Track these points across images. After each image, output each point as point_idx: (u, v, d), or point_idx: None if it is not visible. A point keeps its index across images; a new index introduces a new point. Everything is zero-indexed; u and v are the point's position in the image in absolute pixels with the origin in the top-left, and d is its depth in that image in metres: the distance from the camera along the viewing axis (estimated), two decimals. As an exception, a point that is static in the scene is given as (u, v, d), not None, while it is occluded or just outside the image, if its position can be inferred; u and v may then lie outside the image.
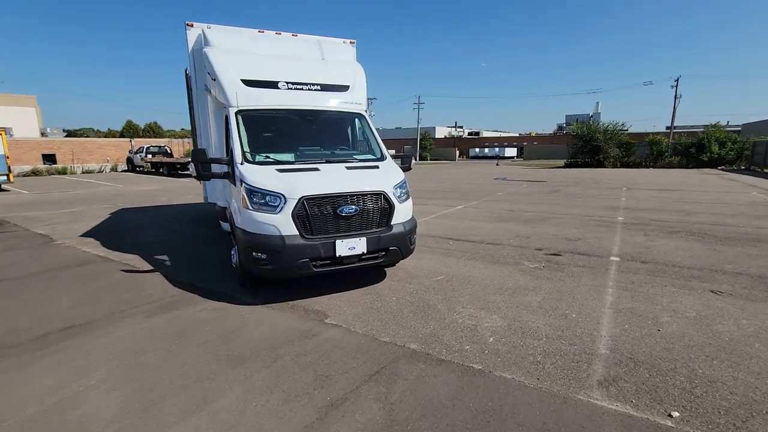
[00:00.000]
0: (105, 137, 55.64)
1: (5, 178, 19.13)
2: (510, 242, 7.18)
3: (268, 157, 4.91)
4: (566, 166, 35.23)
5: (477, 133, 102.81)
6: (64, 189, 18.81)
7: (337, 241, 4.27)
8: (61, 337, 3.69)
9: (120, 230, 9.00)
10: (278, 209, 4.18)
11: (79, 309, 4.37)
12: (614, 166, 32.59)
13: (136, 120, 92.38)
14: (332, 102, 5.78)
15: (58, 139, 35.50)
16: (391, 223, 4.66)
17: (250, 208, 4.27)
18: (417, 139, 64.64)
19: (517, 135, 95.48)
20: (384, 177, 4.85)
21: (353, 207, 4.37)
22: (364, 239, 4.41)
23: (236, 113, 5.18)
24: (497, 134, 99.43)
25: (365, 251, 4.43)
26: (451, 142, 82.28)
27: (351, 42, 6.89)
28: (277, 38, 6.39)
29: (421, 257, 6.24)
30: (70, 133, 56.73)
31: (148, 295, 4.76)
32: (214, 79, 5.45)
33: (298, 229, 4.19)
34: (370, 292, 4.76)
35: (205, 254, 6.70)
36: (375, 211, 4.53)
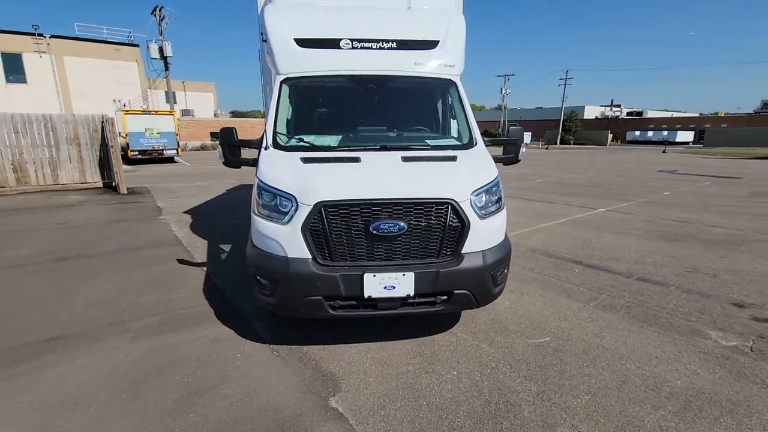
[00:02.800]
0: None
1: (175, 152, 23.23)
2: (680, 282, 4.53)
3: (302, 140, 3.59)
4: (775, 156, 25.93)
5: (639, 114, 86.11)
6: (214, 163, 21.35)
7: (366, 275, 2.73)
8: (30, 354, 3.09)
9: (218, 208, 9.09)
10: (287, 218, 2.84)
11: (89, 311, 3.84)
12: None
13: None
14: (411, 64, 4.10)
15: (223, 119, 41.64)
16: (462, 251, 2.89)
17: (258, 213, 3.03)
18: (560, 120, 56.87)
19: (696, 115, 76.51)
20: (460, 175, 3.06)
21: (397, 223, 2.75)
22: (411, 275, 2.77)
23: (282, 82, 3.97)
24: (666, 114, 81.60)
25: (412, 293, 2.80)
26: (604, 123, 70.42)
27: (454, -17, 5.01)
28: (351, -16, 4.94)
29: (521, 290, 4.24)
30: (235, 114, 66.57)
31: (167, 302, 4.03)
32: (265, 41, 4.31)
33: (310, 250, 2.79)
34: (420, 352, 3.11)
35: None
36: (434, 230, 2.82)
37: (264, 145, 3.52)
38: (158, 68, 30.60)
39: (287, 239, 2.81)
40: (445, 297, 2.91)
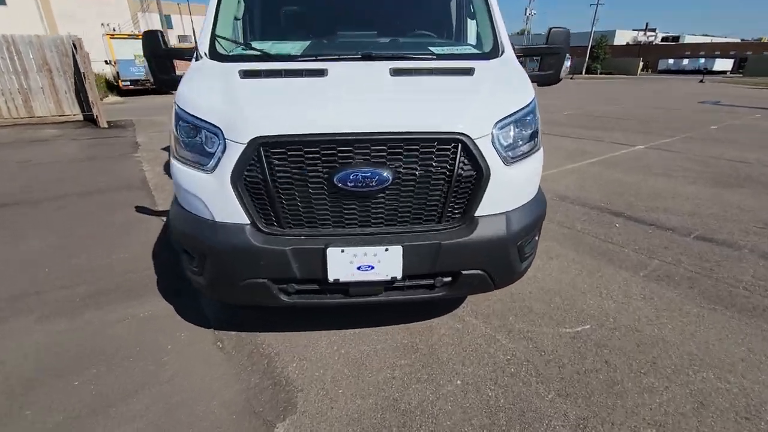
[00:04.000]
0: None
1: (168, 82, 21.59)
2: (754, 243, 3.53)
3: (251, 48, 2.48)
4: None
5: (675, 39, 78.38)
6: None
7: (331, 250, 1.82)
8: None
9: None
10: (211, 163, 1.87)
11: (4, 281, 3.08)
12: None
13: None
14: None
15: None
16: (476, 214, 1.93)
17: (176, 155, 2.05)
18: (588, 46, 51.86)
19: (737, 41, 69.15)
20: (478, 97, 1.97)
21: (376, 172, 1.76)
22: (398, 250, 1.84)
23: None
24: (705, 40, 74.14)
25: (399, 275, 1.89)
26: (635, 50, 64.40)
27: None
28: None
29: (549, 252, 3.33)
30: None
31: (104, 266, 3.24)
32: None
33: (247, 211, 1.85)
34: (412, 345, 2.29)
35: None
36: (435, 182, 1.84)
37: (201, 51, 2.44)
38: (146, -14, 27.77)
39: (213, 196, 1.87)
40: (450, 279, 2.02)
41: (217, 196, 1.86)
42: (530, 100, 2.09)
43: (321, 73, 2.04)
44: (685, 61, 57.55)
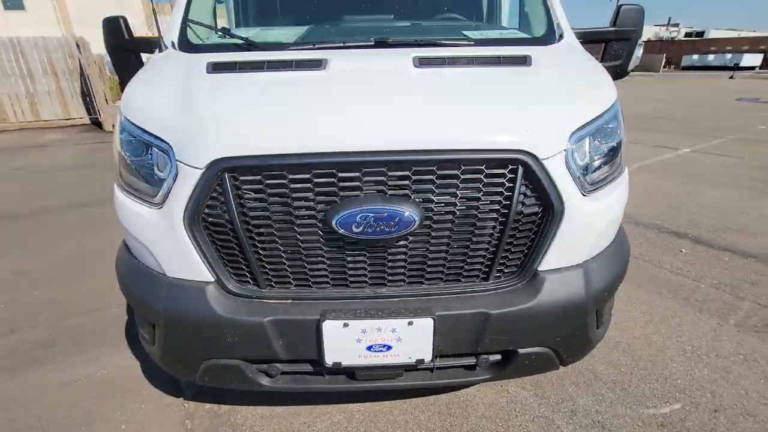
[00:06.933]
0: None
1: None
2: None
3: (231, 35, 1.90)
4: None
5: (701, 34, 75.66)
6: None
7: (328, 324, 1.23)
8: None
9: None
10: (159, 194, 1.31)
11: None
12: None
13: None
14: None
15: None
16: (539, 268, 1.32)
17: (119, 181, 1.50)
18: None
19: (766, 34, 66.39)
20: (543, 96, 1.36)
21: (396, 211, 1.17)
22: (427, 323, 1.25)
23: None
24: (732, 34, 71.38)
25: (429, 357, 1.30)
26: (657, 46, 62.24)
27: None
28: None
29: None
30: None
31: (70, 299, 2.73)
32: None
33: (207, 263, 1.28)
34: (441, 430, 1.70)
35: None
36: (481, 222, 1.24)
37: (159, 44, 1.89)
38: (160, -12, 27.78)
39: (162, 240, 1.30)
40: (500, 358, 1.41)
41: (167, 241, 1.29)
42: (614, 101, 1.47)
43: (318, 64, 1.45)
44: (711, 57, 55.15)
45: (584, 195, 1.31)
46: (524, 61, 1.51)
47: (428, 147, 1.17)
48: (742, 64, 51.04)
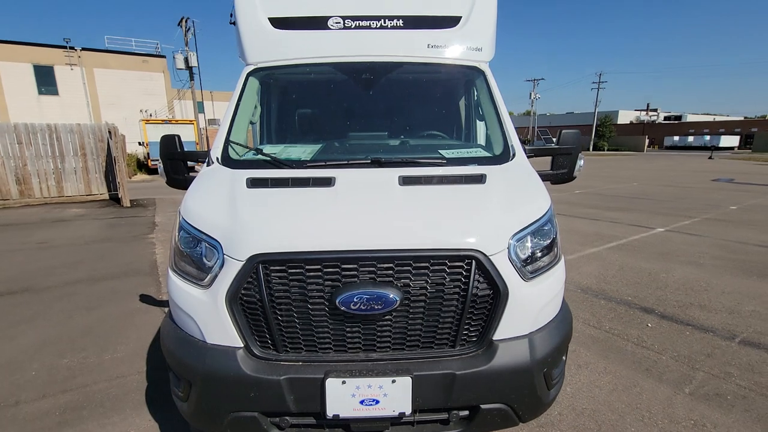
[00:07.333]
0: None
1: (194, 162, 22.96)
2: (810, 349, 3.14)
3: (261, 153, 2.51)
4: None
5: (678, 118, 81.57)
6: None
7: (330, 381, 1.61)
8: None
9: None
10: (207, 278, 1.76)
11: (-11, 379, 2.89)
12: None
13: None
14: (423, 47, 2.96)
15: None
16: (494, 337, 1.72)
17: (173, 267, 1.96)
18: (593, 125, 54.17)
19: (740, 119, 71.85)
20: (491, 207, 1.88)
21: (382, 294, 1.61)
22: (406, 381, 1.62)
23: (248, 75, 2.95)
24: (708, 118, 77.06)
25: (408, 410, 1.65)
26: (639, 128, 66.90)
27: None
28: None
29: (577, 359, 2.99)
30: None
31: (93, 367, 3.03)
32: (233, 23, 3.32)
33: (240, 333, 1.69)
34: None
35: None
36: (447, 303, 1.67)
37: (207, 159, 2.49)
38: (184, 78, 30.90)
39: (206, 314, 1.73)
40: (468, 413, 1.75)
41: (210, 315, 1.71)
42: (547, 208, 1.98)
43: (328, 182, 2.00)
44: (691, 138, 59.11)
45: (525, 281, 1.76)
46: (480, 179, 2.07)
47: (406, 247, 1.64)
48: (720, 145, 54.56)
